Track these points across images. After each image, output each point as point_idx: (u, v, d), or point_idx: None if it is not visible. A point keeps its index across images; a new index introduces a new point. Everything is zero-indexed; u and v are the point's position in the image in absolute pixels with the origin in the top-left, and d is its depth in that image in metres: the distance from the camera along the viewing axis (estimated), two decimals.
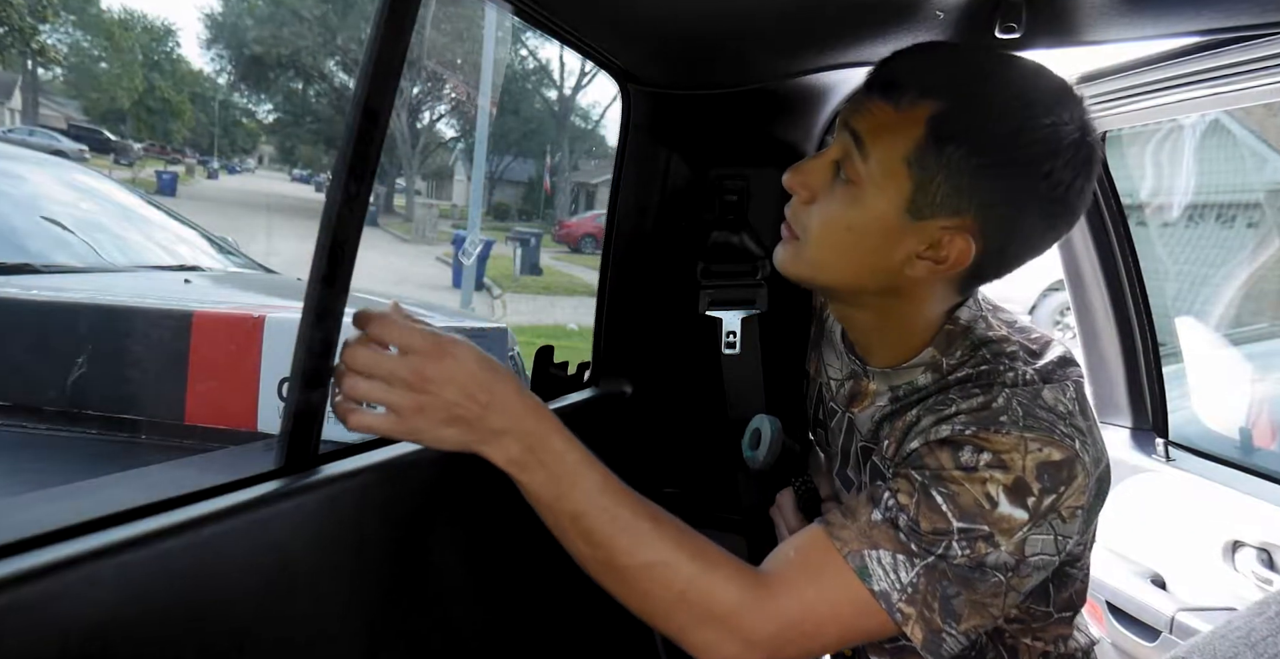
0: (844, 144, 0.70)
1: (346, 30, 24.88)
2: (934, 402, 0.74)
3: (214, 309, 1.07)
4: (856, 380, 0.85)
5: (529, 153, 29.09)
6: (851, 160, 0.69)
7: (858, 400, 0.85)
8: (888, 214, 0.70)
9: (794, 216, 0.75)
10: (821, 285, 0.78)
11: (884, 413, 0.81)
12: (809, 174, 0.73)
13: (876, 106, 0.68)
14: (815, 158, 0.73)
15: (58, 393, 1.07)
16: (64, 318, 1.10)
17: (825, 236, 0.72)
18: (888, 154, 0.68)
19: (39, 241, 2.12)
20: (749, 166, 1.10)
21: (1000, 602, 0.68)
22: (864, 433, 0.83)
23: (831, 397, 0.89)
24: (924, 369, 0.78)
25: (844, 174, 0.70)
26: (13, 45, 24.26)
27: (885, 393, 0.81)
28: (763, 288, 1.07)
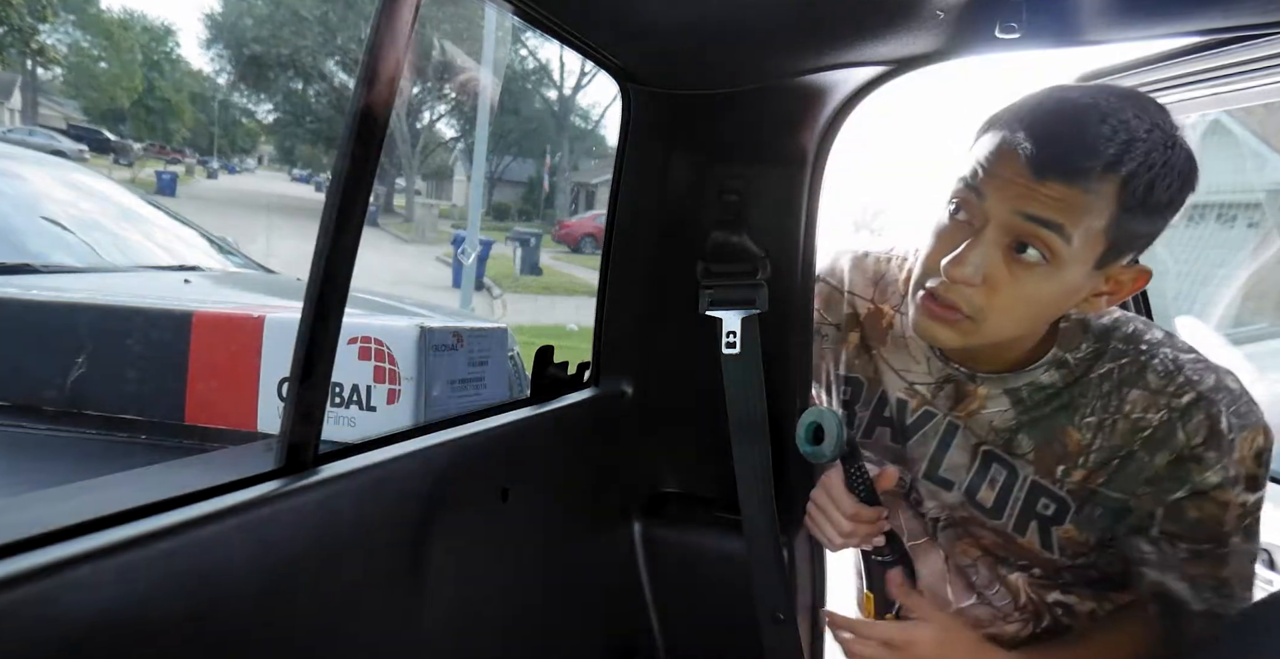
0: (1021, 229, 0.72)
1: (346, 30, 24.88)
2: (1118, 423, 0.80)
3: (214, 309, 1.07)
4: (958, 384, 0.88)
5: (529, 153, 29.09)
6: (1048, 243, 0.72)
7: (965, 404, 0.88)
8: (1079, 276, 0.74)
9: (959, 298, 0.75)
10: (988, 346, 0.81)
11: (1016, 421, 0.85)
12: (980, 265, 0.73)
13: (1062, 191, 0.70)
14: (976, 245, 0.74)
15: (58, 393, 1.07)
16: (64, 318, 1.09)
17: (1011, 312, 0.75)
18: (1087, 229, 0.71)
19: (39, 241, 2.12)
20: (749, 166, 1.10)
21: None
22: (984, 436, 0.87)
23: (924, 401, 0.91)
24: (1046, 368, 0.83)
25: (1033, 254, 0.72)
26: (13, 45, 24.25)
27: (1000, 396, 0.85)
28: (763, 288, 1.07)
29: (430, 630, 0.81)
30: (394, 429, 0.83)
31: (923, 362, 0.91)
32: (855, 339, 0.98)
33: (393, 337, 0.99)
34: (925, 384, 0.91)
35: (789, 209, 1.10)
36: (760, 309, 1.06)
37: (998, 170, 0.73)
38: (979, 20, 0.80)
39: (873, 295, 0.99)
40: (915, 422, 0.92)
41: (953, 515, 0.92)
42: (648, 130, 1.11)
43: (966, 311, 0.75)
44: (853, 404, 0.99)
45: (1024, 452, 0.84)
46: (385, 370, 0.99)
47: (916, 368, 0.92)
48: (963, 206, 0.76)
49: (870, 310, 0.98)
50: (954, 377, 0.88)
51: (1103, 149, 0.69)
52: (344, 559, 0.69)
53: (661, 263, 1.16)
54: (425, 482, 0.79)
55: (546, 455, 1.02)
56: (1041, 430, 0.83)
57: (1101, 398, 0.81)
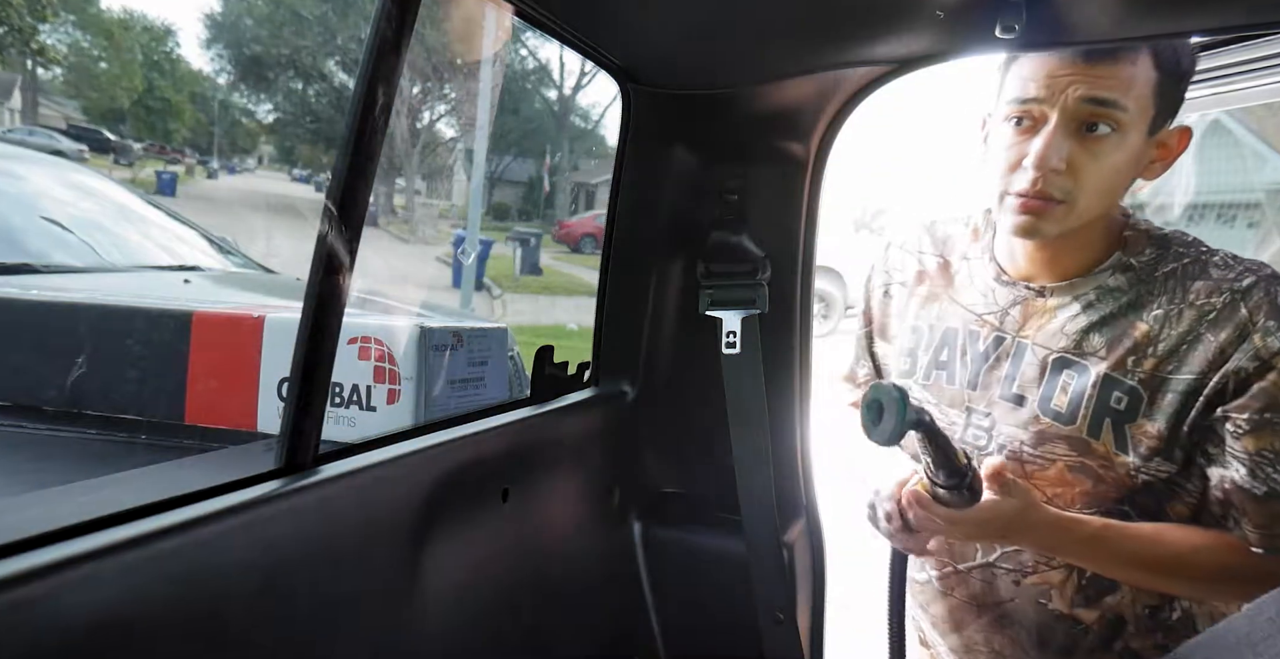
0: (1084, 112, 0.84)
1: (346, 30, 24.87)
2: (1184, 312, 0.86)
3: (214, 309, 1.07)
4: (1026, 304, 0.96)
5: (529, 153, 29.09)
6: (1112, 117, 0.84)
7: (1034, 321, 0.95)
8: (1139, 142, 0.86)
9: (1051, 188, 0.86)
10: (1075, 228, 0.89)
11: (1086, 321, 0.91)
12: (1058, 148, 0.85)
13: (1110, 70, 0.83)
14: (1050, 137, 0.84)
15: (58, 393, 1.07)
16: (64, 318, 1.09)
17: (1100, 186, 0.86)
18: (1139, 97, 0.84)
19: (39, 241, 2.12)
20: (749, 166, 1.10)
21: None
22: (1054, 344, 0.93)
23: (994, 328, 0.98)
24: (1111, 272, 0.92)
25: (1103, 128, 0.84)
26: (13, 45, 24.24)
27: (1070, 303, 0.93)
28: (763, 288, 1.07)
29: (430, 630, 0.81)
30: (394, 429, 0.83)
31: (988, 293, 0.99)
32: (922, 292, 1.06)
33: (393, 336, 0.99)
34: (993, 312, 0.98)
35: (789, 209, 1.10)
36: (760, 309, 1.06)
37: (1049, 72, 0.84)
38: (979, 20, 0.80)
39: (941, 251, 1.07)
40: (988, 347, 0.98)
41: (1020, 444, 0.94)
42: (648, 130, 1.11)
43: (1060, 197, 0.86)
44: (915, 350, 1.05)
45: (1095, 349, 0.90)
46: (385, 370, 0.99)
47: (983, 300, 1.00)
48: (1024, 117, 0.87)
49: (939, 263, 1.07)
50: (1021, 297, 0.96)
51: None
52: (344, 559, 0.69)
53: (661, 263, 1.16)
54: (425, 482, 0.79)
55: (546, 455, 1.02)
56: (1111, 327, 0.89)
57: (1167, 293, 0.88)
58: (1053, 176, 0.85)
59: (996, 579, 0.99)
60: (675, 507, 1.23)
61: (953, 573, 1.03)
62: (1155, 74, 0.84)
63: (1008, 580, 0.99)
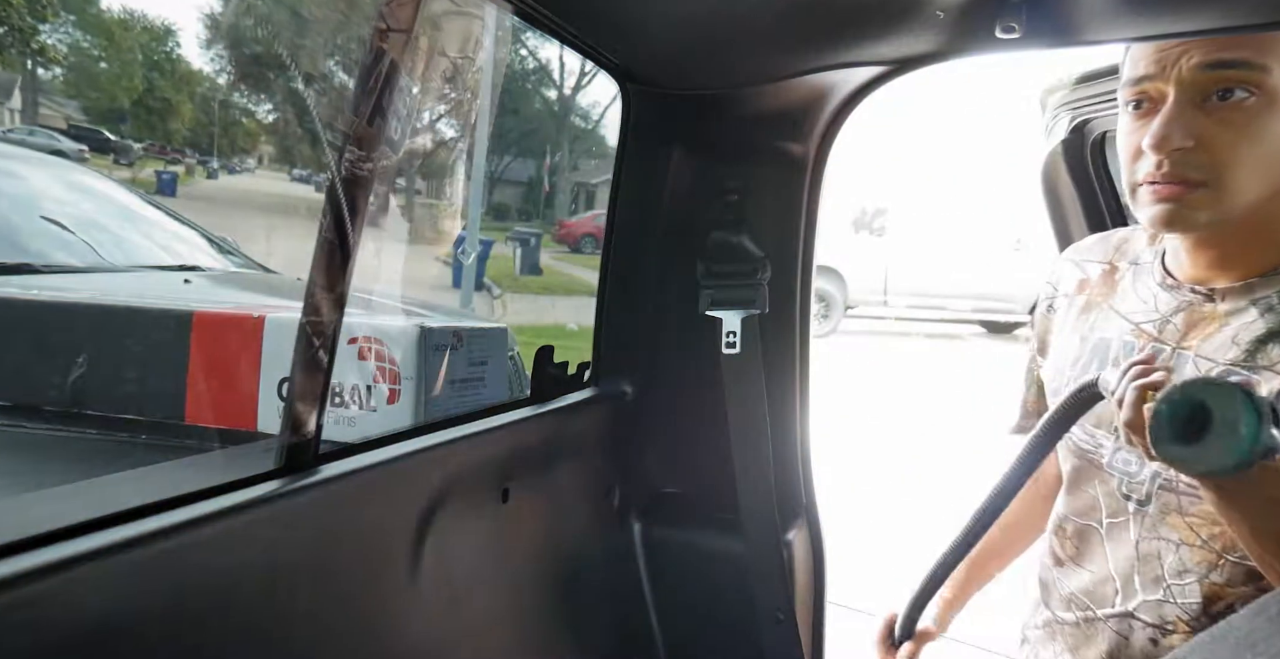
0: (1209, 80, 0.73)
1: (347, 30, 24.84)
2: None
3: (214, 309, 1.07)
4: (1191, 310, 0.84)
5: (529, 153, 29.08)
6: (1246, 79, 0.72)
7: (1199, 329, 0.83)
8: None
9: (1182, 168, 0.74)
10: (1231, 219, 0.77)
11: (1265, 330, 0.78)
12: (1181, 124, 0.73)
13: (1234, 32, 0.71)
14: (1168, 113, 0.74)
15: (58, 393, 1.07)
16: (64, 318, 1.09)
17: (1248, 163, 0.73)
18: (1277, 53, 0.71)
19: (39, 241, 2.12)
20: (749, 166, 1.10)
21: None
22: (1221, 357, 0.81)
23: (1151, 338, 0.87)
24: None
25: (1238, 94, 0.72)
26: (13, 45, 24.23)
27: (1246, 309, 0.80)
28: (763, 288, 1.07)
29: (430, 630, 0.81)
30: (394, 429, 0.83)
31: (1150, 299, 0.89)
32: (1082, 301, 0.98)
33: (393, 336, 0.99)
34: (1152, 321, 0.88)
35: (789, 209, 1.10)
36: (760, 309, 1.06)
37: (1159, 44, 0.75)
38: (979, 20, 0.80)
39: (1111, 257, 0.98)
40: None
41: (1175, 475, 0.83)
42: (648, 130, 1.11)
43: (1198, 178, 0.74)
44: (1065, 365, 0.96)
45: (1272, 361, 0.77)
46: (385, 370, 0.99)
47: (1143, 307, 0.89)
48: (1141, 98, 0.77)
49: (1104, 270, 0.98)
50: (1186, 303, 0.85)
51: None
52: (344, 559, 0.69)
53: (661, 263, 1.16)
54: (425, 482, 0.79)
55: (546, 455, 1.02)
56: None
57: None
58: (1182, 155, 0.74)
59: (1133, 634, 0.87)
60: (675, 507, 1.23)
61: (1091, 619, 0.91)
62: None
63: (1144, 637, 0.86)
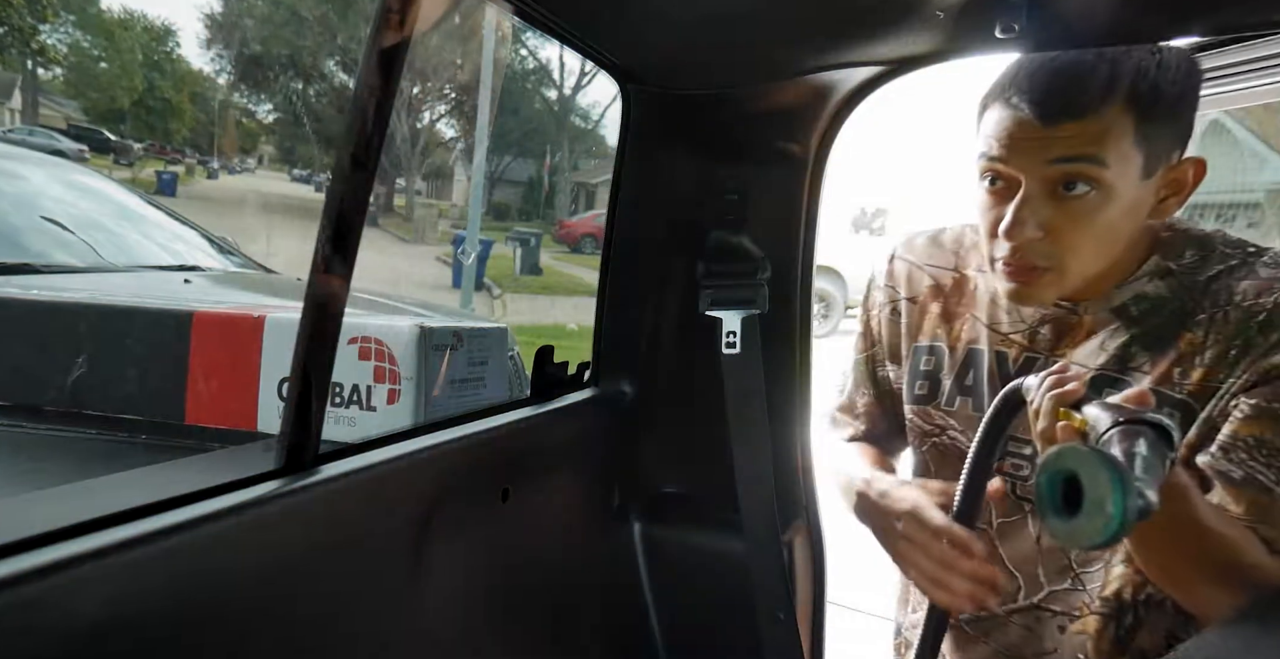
0: (1057, 173, 0.77)
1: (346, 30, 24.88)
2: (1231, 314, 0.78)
3: (214, 309, 1.07)
4: (1059, 321, 0.89)
5: (529, 153, 29.08)
6: (1089, 174, 0.76)
7: (1068, 338, 0.88)
8: (1131, 191, 0.77)
9: (1033, 256, 0.79)
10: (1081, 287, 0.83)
11: (1127, 335, 0.84)
12: (1035, 215, 0.78)
13: (1075, 128, 0.75)
14: (1021, 204, 0.78)
15: (58, 393, 1.07)
16: (64, 318, 1.09)
17: (1087, 247, 0.79)
18: (1118, 149, 0.75)
19: (39, 241, 2.12)
20: (749, 166, 1.10)
21: None
22: (1094, 363, 0.85)
23: (1023, 348, 0.91)
24: (1149, 278, 0.84)
25: (1080, 187, 0.77)
26: (13, 45, 24.24)
27: (1108, 317, 0.86)
28: (763, 288, 1.07)
29: (430, 630, 0.81)
30: (394, 429, 0.83)
31: (1013, 310, 0.92)
32: (936, 309, 1.00)
33: (393, 336, 0.99)
34: (1020, 331, 0.92)
35: (789, 209, 1.10)
36: (760, 309, 1.06)
37: (1011, 134, 0.78)
38: (979, 20, 0.79)
39: (955, 264, 1.00)
40: (1019, 369, 0.91)
41: None
42: (648, 130, 1.11)
43: (1045, 264, 0.79)
44: (936, 374, 0.99)
45: (1139, 364, 0.83)
46: (385, 370, 0.99)
47: (1008, 318, 0.93)
48: (995, 177, 0.81)
49: (955, 279, 1.00)
50: (1052, 316, 0.89)
51: (1094, 78, 0.75)
52: (344, 559, 0.69)
53: (661, 263, 1.16)
54: (425, 482, 0.79)
55: (546, 455, 1.02)
56: (1154, 339, 0.83)
57: (1210, 296, 0.80)
58: (1033, 244, 0.79)
59: (1041, 625, 0.91)
60: (675, 507, 1.23)
61: (989, 616, 0.95)
62: (1132, 118, 0.75)
63: (1053, 626, 0.90)
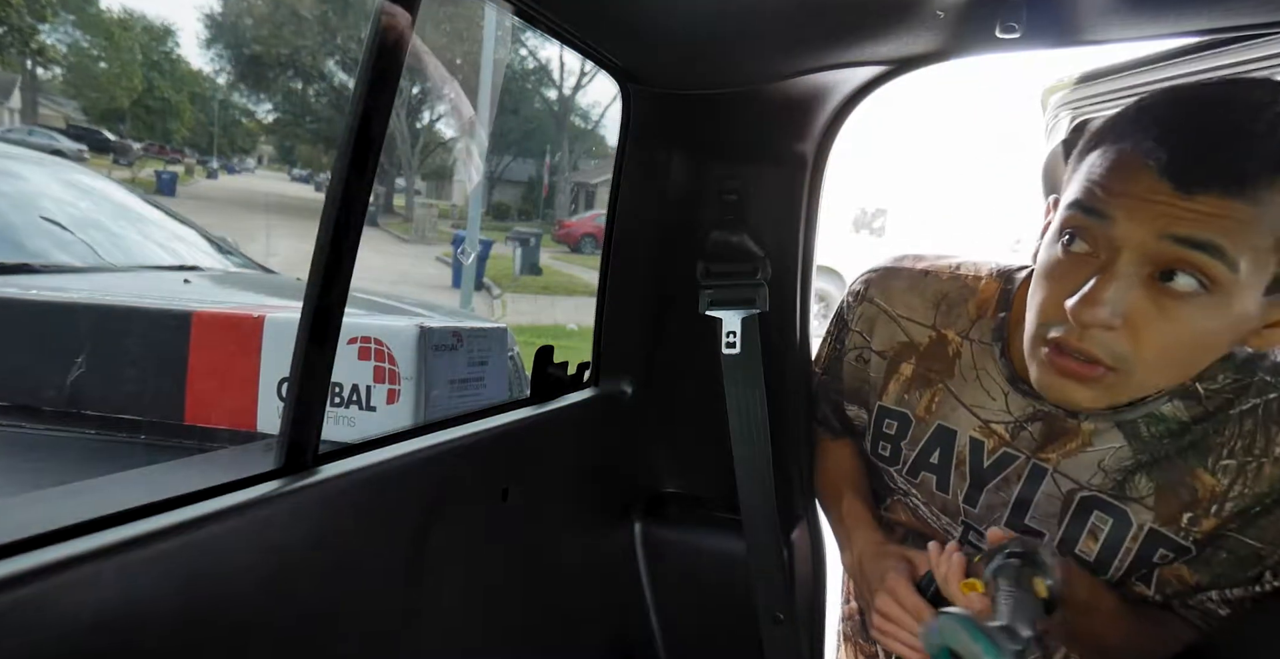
0: (1168, 255, 0.59)
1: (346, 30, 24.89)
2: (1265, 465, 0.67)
3: (214, 309, 1.07)
4: (1051, 422, 0.76)
5: (529, 153, 29.09)
6: (1204, 269, 0.59)
7: (1059, 443, 0.76)
8: (1247, 305, 0.61)
9: (1097, 349, 0.63)
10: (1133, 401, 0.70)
11: (1134, 460, 0.73)
12: (1117, 302, 0.61)
13: (1222, 206, 0.57)
14: (1107, 280, 0.61)
15: (57, 393, 1.07)
16: (64, 318, 1.09)
17: (1165, 356, 0.63)
18: (1256, 249, 0.58)
19: (39, 241, 2.12)
20: (749, 166, 1.10)
21: None
22: (1086, 480, 0.75)
23: (1002, 442, 0.79)
24: (1169, 399, 0.71)
25: (1186, 282, 0.60)
26: (13, 45, 24.25)
27: (1111, 431, 0.73)
28: (763, 288, 1.07)
29: (430, 630, 0.81)
30: (394, 429, 0.83)
31: (999, 397, 0.79)
32: (908, 371, 0.87)
33: (393, 336, 0.99)
34: (1004, 423, 0.79)
35: (789, 209, 1.10)
36: (760, 309, 1.06)
37: (1128, 188, 0.60)
38: (979, 20, 0.80)
39: (934, 321, 0.86)
40: (993, 464, 0.80)
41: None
42: (648, 130, 1.11)
43: (1110, 363, 0.63)
44: (898, 440, 0.88)
45: (1141, 495, 0.73)
46: (385, 370, 0.99)
47: (992, 404, 0.80)
48: (1080, 236, 0.64)
49: (932, 338, 0.85)
50: (1045, 414, 0.76)
51: (1264, 149, 0.57)
52: (344, 559, 0.69)
53: (661, 263, 1.16)
54: (425, 482, 0.79)
55: (546, 455, 1.02)
56: (1165, 471, 0.71)
57: (1243, 437, 0.68)
58: (1104, 335, 0.62)
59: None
60: (675, 507, 1.23)
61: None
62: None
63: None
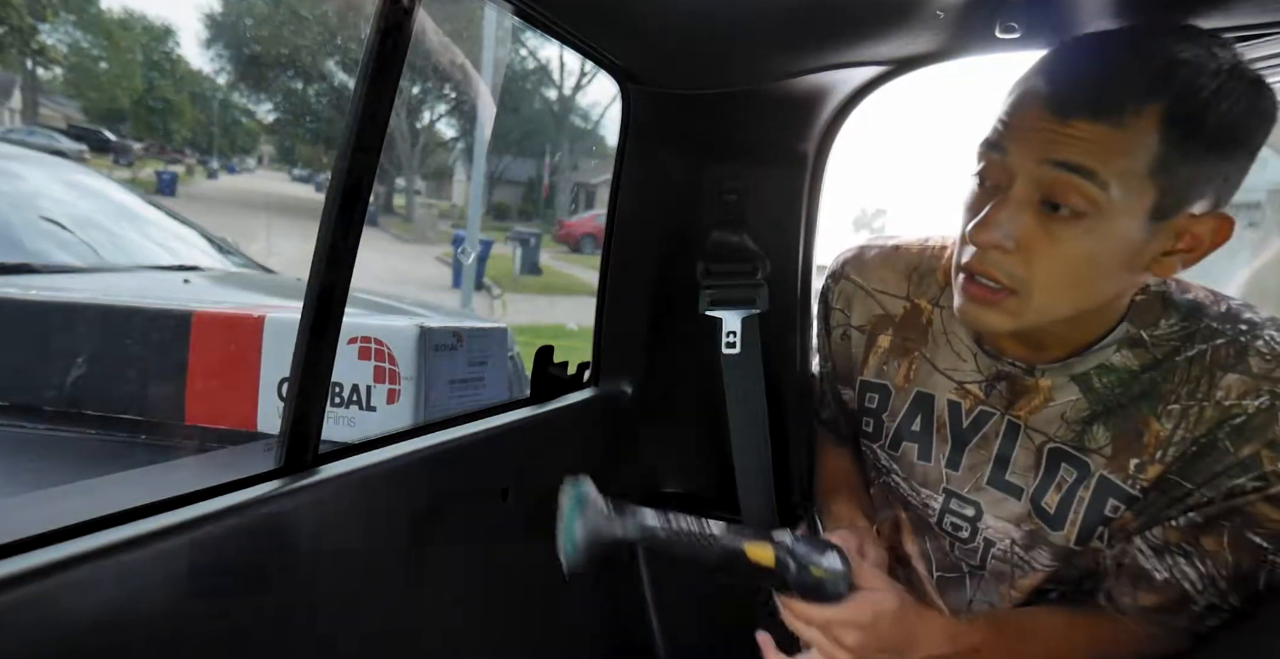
0: (1049, 180, 0.64)
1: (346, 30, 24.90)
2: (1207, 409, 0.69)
3: (214, 309, 1.07)
4: (1013, 380, 0.78)
5: (529, 153, 29.09)
6: (1082, 191, 0.63)
7: (1025, 400, 0.78)
8: (1131, 229, 0.64)
9: (995, 269, 0.67)
10: (1044, 325, 0.71)
11: (1090, 410, 0.75)
12: (1009, 223, 0.65)
13: (1089, 129, 0.62)
14: (1003, 204, 0.66)
15: (58, 393, 1.07)
16: (64, 318, 1.10)
17: (1059, 279, 0.66)
18: (1127, 173, 0.62)
19: (39, 241, 2.12)
20: (749, 166, 1.10)
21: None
22: (1052, 433, 0.77)
23: (978, 401, 0.81)
24: (1116, 347, 0.73)
25: (1067, 208, 0.64)
26: (13, 45, 24.26)
27: (1068, 385, 0.75)
28: (763, 288, 1.07)
29: (430, 630, 0.81)
30: (394, 429, 0.83)
31: (970, 358, 0.82)
32: (886, 342, 0.89)
33: (393, 337, 0.99)
34: (976, 382, 0.81)
35: (789, 209, 1.10)
36: (760, 309, 1.06)
37: (1019, 120, 0.65)
38: (979, 20, 0.80)
39: (907, 291, 0.88)
40: (972, 424, 0.82)
41: (1012, 544, 0.81)
42: (648, 130, 1.11)
43: (1007, 284, 0.67)
44: (879, 413, 0.90)
45: (1100, 445, 0.74)
46: (385, 370, 0.99)
47: (964, 366, 0.82)
48: (988, 170, 0.68)
49: (906, 309, 0.88)
50: (1007, 373, 0.79)
51: (1133, 78, 0.61)
52: (344, 559, 0.69)
53: (661, 263, 1.16)
54: (425, 482, 0.79)
55: (546, 455, 1.02)
56: (1120, 420, 0.73)
57: (1189, 383, 0.70)
58: (1000, 257, 0.67)
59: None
60: (675, 507, 1.23)
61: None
62: (1156, 146, 0.61)
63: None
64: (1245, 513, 0.68)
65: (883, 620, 0.69)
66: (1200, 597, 0.72)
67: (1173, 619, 0.74)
